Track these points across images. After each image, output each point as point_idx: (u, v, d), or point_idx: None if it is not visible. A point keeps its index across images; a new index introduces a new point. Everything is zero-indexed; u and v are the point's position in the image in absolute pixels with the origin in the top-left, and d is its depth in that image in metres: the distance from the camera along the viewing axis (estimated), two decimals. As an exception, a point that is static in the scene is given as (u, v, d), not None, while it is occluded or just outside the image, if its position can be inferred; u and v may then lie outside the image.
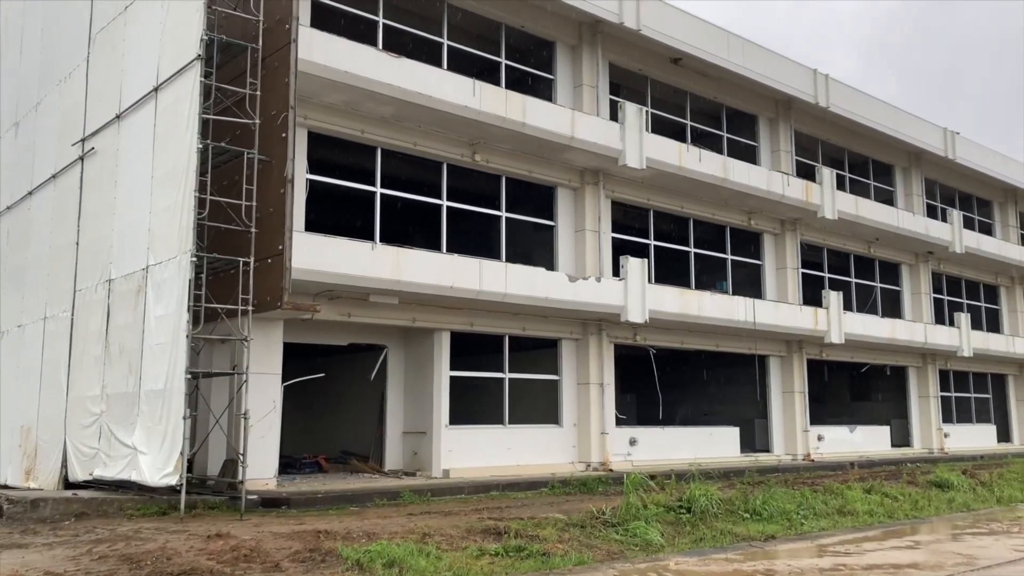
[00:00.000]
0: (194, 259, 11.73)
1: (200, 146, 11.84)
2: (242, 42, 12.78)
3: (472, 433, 17.00)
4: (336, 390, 19.95)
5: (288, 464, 17.43)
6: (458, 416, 17.09)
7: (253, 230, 12.45)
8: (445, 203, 17.05)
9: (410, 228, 19.26)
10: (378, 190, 16.01)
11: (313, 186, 15.81)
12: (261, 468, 13.81)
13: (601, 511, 10.63)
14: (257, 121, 12.59)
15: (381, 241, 15.28)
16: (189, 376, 11.53)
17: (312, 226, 15.03)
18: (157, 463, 11.63)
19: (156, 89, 13.20)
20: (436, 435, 16.35)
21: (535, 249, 19.36)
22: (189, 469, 14.97)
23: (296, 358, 21.26)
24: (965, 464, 21.85)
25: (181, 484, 11.31)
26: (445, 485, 14.83)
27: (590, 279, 17.79)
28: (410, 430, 17.00)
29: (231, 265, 13.14)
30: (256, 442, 13.78)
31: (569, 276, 17.49)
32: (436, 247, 16.67)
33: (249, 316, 12.44)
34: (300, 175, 14.92)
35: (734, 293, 21.43)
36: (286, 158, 13.25)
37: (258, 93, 12.80)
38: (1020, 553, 9.64)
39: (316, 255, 13.87)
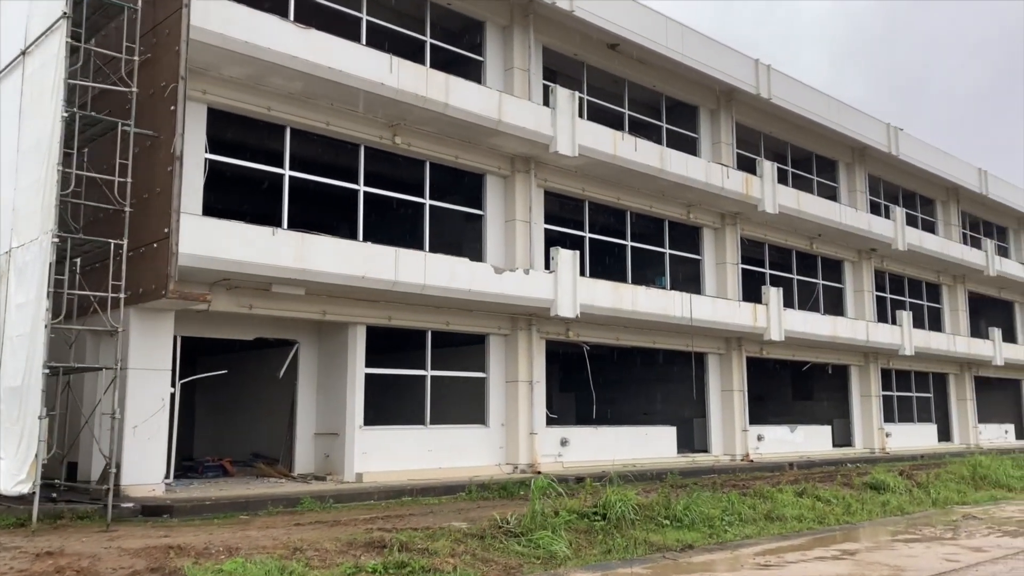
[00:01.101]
0: (56, 240, 10.48)
1: (65, 115, 10.58)
2: (117, 1, 11.51)
3: (389, 434, 15.93)
4: (248, 389, 18.73)
5: (190, 468, 16.21)
6: (375, 416, 16.03)
7: (127, 208, 11.24)
8: (362, 188, 15.94)
9: (326, 216, 18.15)
10: (287, 172, 14.85)
11: (215, 168, 14.59)
12: (146, 473, 12.62)
13: (505, 519, 9.68)
14: (134, 90, 11.39)
15: (291, 228, 14.12)
16: (47, 371, 10.26)
17: (213, 211, 13.83)
18: (12, 469, 10.38)
19: (24, 53, 11.90)
20: (349, 436, 15.25)
21: (464, 240, 18.36)
22: (72, 475, 13.77)
23: (205, 354, 20.00)
24: (904, 464, 21.44)
25: (34, 492, 10.05)
26: (353, 490, 13.75)
27: (517, 271, 16.83)
28: (322, 431, 15.87)
29: (115, 250, 11.92)
30: (142, 444, 12.61)
31: (495, 268, 16.51)
32: (354, 236, 15.56)
33: (121, 305, 11.21)
34: (196, 154, 13.72)
35: (673, 289, 20.68)
36: (175, 133, 12.11)
37: (136, 59, 11.60)
38: (951, 563, 8.93)
39: (210, 240, 12.68)
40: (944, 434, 31.15)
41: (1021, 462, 19.78)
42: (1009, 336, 34.44)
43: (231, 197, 17.59)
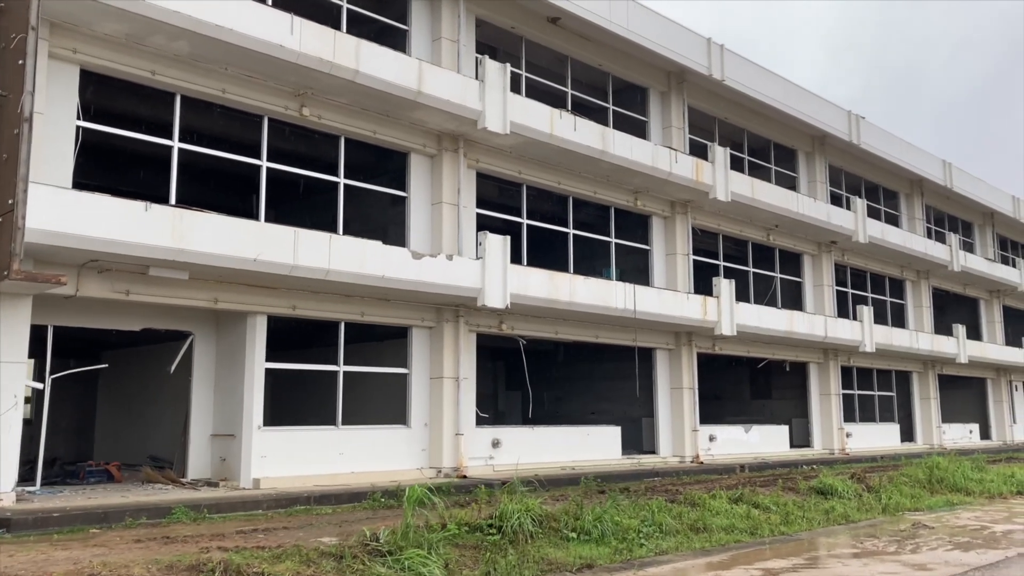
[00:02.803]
0: None
1: None
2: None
3: (294, 436, 14.47)
4: (150, 386, 17.18)
5: (71, 473, 14.65)
6: (279, 416, 14.63)
7: (-56, 172, 9.67)
8: (265, 164, 14.48)
9: (231, 197, 16.66)
10: (176, 144, 13.33)
11: (99, 141, 13.12)
12: (-7, 480, 11.08)
13: (375, 535, 8.27)
14: (-43, 34, 9.81)
15: (179, 206, 12.57)
16: None
17: (97, 189, 12.22)
18: None
19: None
20: (246, 438, 13.77)
21: (390, 225, 16.93)
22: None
23: (108, 348, 18.40)
24: (862, 466, 20.28)
25: None
26: (240, 498, 12.27)
27: (439, 257, 15.42)
28: (219, 432, 14.37)
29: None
30: (-11, 448, 11.05)
31: (413, 252, 15.08)
32: (259, 218, 14.08)
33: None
34: (66, 120, 12.24)
35: (622, 280, 19.32)
36: (23, 91, 10.61)
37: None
38: (887, 585, 7.65)
39: (72, 215, 11.17)
40: (907, 434, 30.15)
41: (981, 464, 18.68)
42: (974, 333, 33.57)
43: (117, 174, 16.10)
